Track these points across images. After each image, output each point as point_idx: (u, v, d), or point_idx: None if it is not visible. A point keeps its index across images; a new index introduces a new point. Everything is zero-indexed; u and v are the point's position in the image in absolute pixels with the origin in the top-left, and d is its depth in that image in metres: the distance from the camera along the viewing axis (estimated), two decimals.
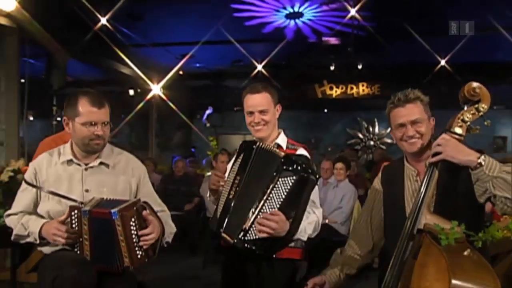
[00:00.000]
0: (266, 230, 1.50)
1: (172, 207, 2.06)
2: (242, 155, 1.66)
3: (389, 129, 1.77)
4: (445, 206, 1.43)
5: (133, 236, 1.60)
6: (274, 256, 1.64)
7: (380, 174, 1.72)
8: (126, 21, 5.56)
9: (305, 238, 1.68)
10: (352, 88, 8.36)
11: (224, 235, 1.59)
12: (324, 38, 6.15)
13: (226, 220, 1.60)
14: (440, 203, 1.44)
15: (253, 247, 1.53)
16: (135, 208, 1.62)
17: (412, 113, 1.53)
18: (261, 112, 1.75)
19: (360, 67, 7.27)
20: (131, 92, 8.69)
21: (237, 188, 1.60)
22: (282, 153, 1.56)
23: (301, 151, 1.76)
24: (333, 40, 6.22)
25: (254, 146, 1.63)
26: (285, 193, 1.50)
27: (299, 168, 1.51)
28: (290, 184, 1.49)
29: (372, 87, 8.18)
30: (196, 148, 10.09)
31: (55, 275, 1.52)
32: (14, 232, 1.77)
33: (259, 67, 7.39)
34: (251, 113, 1.77)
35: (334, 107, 10.13)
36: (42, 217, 1.75)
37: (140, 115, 9.01)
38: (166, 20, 6.08)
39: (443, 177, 1.42)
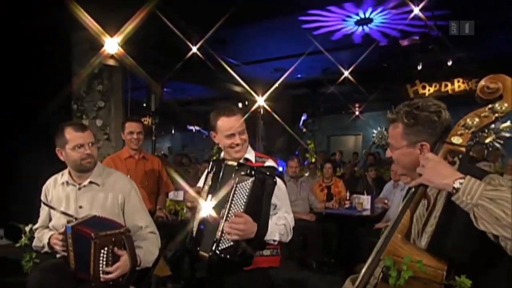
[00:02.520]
0: (236, 233, 1.44)
1: None
2: (211, 174, 1.59)
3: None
4: (442, 241, 1.07)
5: (100, 263, 1.60)
6: (251, 264, 1.54)
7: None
8: (215, 47, 6.05)
9: (276, 238, 1.57)
10: (446, 85, 7.61)
11: (200, 253, 1.52)
12: (402, 40, 5.86)
13: (203, 238, 1.53)
14: (438, 236, 1.09)
15: (228, 256, 1.45)
16: (113, 239, 1.60)
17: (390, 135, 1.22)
18: (241, 133, 1.68)
19: (450, 63, 6.63)
20: (240, 105, 9.43)
21: (210, 200, 1.56)
22: (236, 162, 1.50)
23: (269, 162, 1.70)
24: (412, 41, 5.88)
25: (222, 165, 1.56)
26: (246, 196, 1.43)
27: (253, 172, 1.45)
28: (248, 187, 1.43)
29: (469, 82, 7.30)
30: (300, 152, 10.34)
31: (41, 277, 1.66)
32: (33, 244, 1.93)
33: (346, 73, 7.37)
34: (232, 135, 1.67)
35: None
36: (53, 230, 1.88)
37: (249, 124, 9.76)
38: (250, 40, 6.39)
39: (446, 205, 1.09)
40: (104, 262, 1.61)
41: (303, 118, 9.68)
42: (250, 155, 1.74)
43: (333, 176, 5.21)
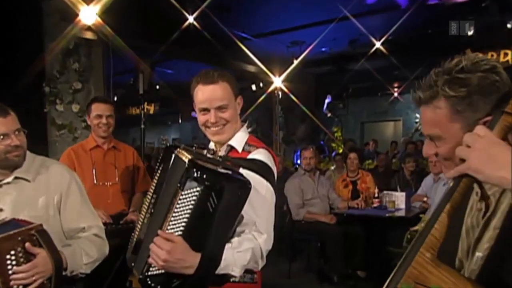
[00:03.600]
0: (156, 262, 1.24)
1: None
2: (161, 166, 1.41)
3: None
4: (503, 265, 0.87)
5: (9, 270, 1.51)
6: None
7: None
8: (218, 14, 5.86)
9: (237, 274, 1.31)
10: (506, 55, 7.07)
11: (134, 271, 1.39)
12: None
13: (138, 253, 1.38)
14: (497, 256, 0.89)
15: (152, 285, 1.27)
16: (20, 238, 1.51)
17: None
18: (219, 108, 1.47)
19: (510, 26, 6.12)
20: (253, 87, 9.27)
21: (152, 210, 1.38)
22: (189, 157, 1.22)
23: (257, 153, 1.45)
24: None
25: (173, 153, 1.34)
26: (189, 212, 1.19)
27: (205, 176, 1.18)
28: (194, 199, 1.18)
29: None
30: (325, 141, 10.12)
31: None
32: None
33: (378, 44, 7.01)
34: (205, 110, 1.48)
35: None
36: None
37: (265, 110, 9.67)
38: (260, 7, 6.19)
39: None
40: (15, 266, 1.53)
41: (327, 100, 9.43)
42: (237, 140, 1.52)
43: (359, 169, 5.10)
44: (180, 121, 13.74)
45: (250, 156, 1.44)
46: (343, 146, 8.74)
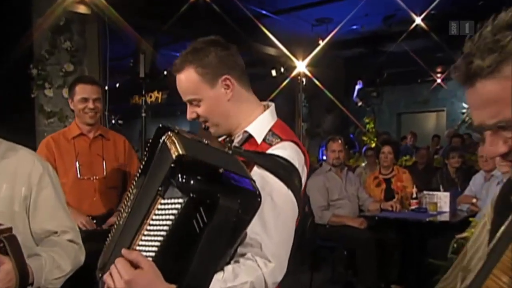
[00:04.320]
0: None
1: None
2: (147, 154, 1.29)
3: None
4: None
5: None
6: None
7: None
8: None
9: None
10: None
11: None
12: None
13: (106, 264, 1.27)
14: None
15: None
16: None
17: None
18: (191, 103, 1.36)
19: None
20: (273, 72, 9.17)
21: (128, 212, 1.26)
22: (178, 151, 1.05)
23: (281, 148, 1.28)
24: None
25: (161, 138, 1.19)
26: (167, 230, 1.04)
27: (191, 182, 0.99)
28: (174, 213, 1.02)
29: None
30: (356, 134, 9.97)
31: None
32: None
33: (418, 20, 6.77)
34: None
35: None
36: None
37: (286, 98, 9.61)
38: None
39: None
40: None
41: (357, 87, 9.33)
42: (258, 127, 1.34)
43: (394, 165, 4.94)
44: None
45: (271, 151, 1.27)
46: (376, 140, 8.66)
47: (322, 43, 7.86)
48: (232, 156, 1.19)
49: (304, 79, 8.94)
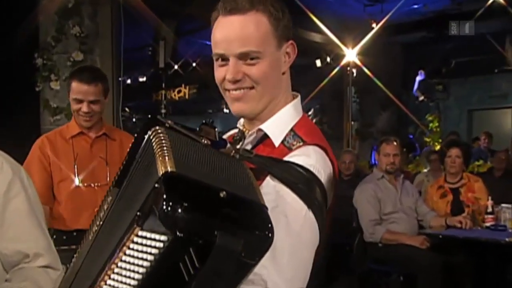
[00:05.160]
0: None
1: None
2: (128, 154, 1.22)
3: None
4: None
5: None
6: None
7: None
8: None
9: None
10: None
11: None
12: None
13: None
14: None
15: None
16: None
17: None
18: (244, 56, 1.24)
19: None
20: (318, 63, 9.09)
21: (97, 231, 1.20)
22: (167, 167, 0.94)
23: (303, 154, 1.20)
24: None
25: (149, 133, 1.12)
26: (145, 272, 0.96)
27: (180, 216, 0.89)
28: (156, 252, 0.93)
29: None
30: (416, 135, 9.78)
31: None
32: None
33: None
34: (223, 58, 1.31)
35: None
36: None
37: (333, 92, 9.54)
38: None
39: None
40: None
41: (418, 79, 9.14)
42: (276, 124, 1.26)
43: (464, 171, 4.76)
44: (225, 109, 13.75)
45: (290, 157, 1.18)
46: (441, 142, 8.54)
47: (376, 27, 7.82)
48: (240, 165, 1.09)
49: (354, 70, 8.93)
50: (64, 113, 4.45)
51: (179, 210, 0.86)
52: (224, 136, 1.33)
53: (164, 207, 0.85)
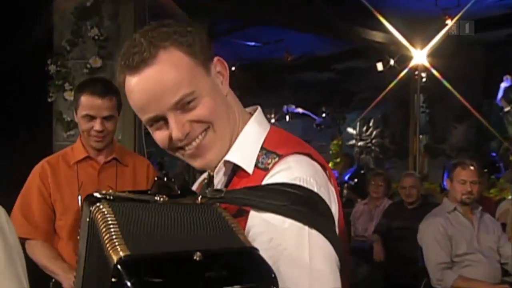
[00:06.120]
0: None
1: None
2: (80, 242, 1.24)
3: None
4: None
5: None
6: None
7: None
8: None
9: None
10: None
11: None
12: None
13: None
14: None
15: None
16: None
17: None
18: (181, 104, 1.23)
19: None
20: (379, 66, 8.96)
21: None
22: (115, 256, 0.92)
23: (284, 170, 1.18)
24: None
25: (88, 217, 1.12)
26: None
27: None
28: None
29: None
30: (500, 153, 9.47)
31: None
32: None
33: None
34: (155, 119, 1.29)
35: None
36: None
37: (397, 101, 9.40)
38: None
39: None
40: None
41: (503, 85, 8.98)
42: (242, 150, 1.27)
43: None
44: (273, 118, 13.75)
45: (269, 178, 1.18)
46: None
47: (450, 23, 7.58)
48: (211, 211, 1.06)
49: (423, 75, 8.82)
50: (78, 128, 4.49)
51: None
52: (194, 186, 1.35)
53: None
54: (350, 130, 12.30)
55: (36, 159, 2.88)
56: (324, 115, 12.90)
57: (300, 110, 12.31)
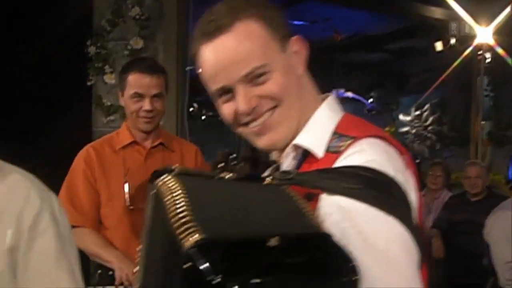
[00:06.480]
0: None
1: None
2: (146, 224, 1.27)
3: None
4: None
5: None
6: None
7: None
8: None
9: None
10: None
11: None
12: None
13: None
14: None
15: None
16: None
17: None
18: (250, 78, 1.26)
19: None
20: (438, 45, 8.78)
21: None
22: (191, 240, 0.92)
23: (357, 152, 1.17)
24: None
25: (154, 190, 1.15)
26: None
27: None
28: None
29: None
30: None
31: None
32: None
33: None
34: (224, 91, 1.32)
35: None
36: None
37: (458, 84, 9.20)
38: None
39: None
40: None
41: None
42: (313, 132, 1.27)
43: None
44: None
45: (341, 161, 1.17)
46: None
47: None
48: (281, 192, 1.08)
49: (488, 55, 8.53)
50: (119, 113, 4.55)
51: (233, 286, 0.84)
52: None
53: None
54: (403, 116, 12.10)
55: (74, 146, 2.93)
56: (375, 100, 12.73)
57: (349, 94, 12.14)
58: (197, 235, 0.88)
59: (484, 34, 8.10)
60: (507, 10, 7.57)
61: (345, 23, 9.53)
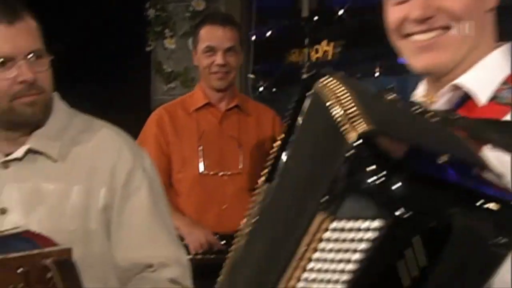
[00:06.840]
0: None
1: None
2: (288, 125, 1.22)
3: None
4: None
5: None
6: None
7: None
8: None
9: None
10: None
11: None
12: None
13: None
14: None
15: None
16: (23, 269, 1.42)
17: None
18: None
19: None
20: None
21: (258, 223, 1.22)
22: (361, 129, 0.90)
23: None
24: None
25: (309, 93, 1.11)
26: (355, 271, 0.95)
27: (398, 190, 0.87)
28: (366, 248, 0.93)
29: None
30: None
31: None
32: None
33: None
34: None
35: None
36: None
37: None
38: None
39: None
40: None
41: None
42: (480, 75, 1.23)
43: None
44: (377, 73, 13.41)
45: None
46: None
47: None
48: (444, 128, 1.03)
49: None
50: (179, 80, 4.58)
51: (397, 182, 0.81)
52: None
53: (375, 179, 0.81)
54: None
55: (133, 116, 3.01)
56: None
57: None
58: (368, 125, 0.86)
59: None
60: None
61: None
